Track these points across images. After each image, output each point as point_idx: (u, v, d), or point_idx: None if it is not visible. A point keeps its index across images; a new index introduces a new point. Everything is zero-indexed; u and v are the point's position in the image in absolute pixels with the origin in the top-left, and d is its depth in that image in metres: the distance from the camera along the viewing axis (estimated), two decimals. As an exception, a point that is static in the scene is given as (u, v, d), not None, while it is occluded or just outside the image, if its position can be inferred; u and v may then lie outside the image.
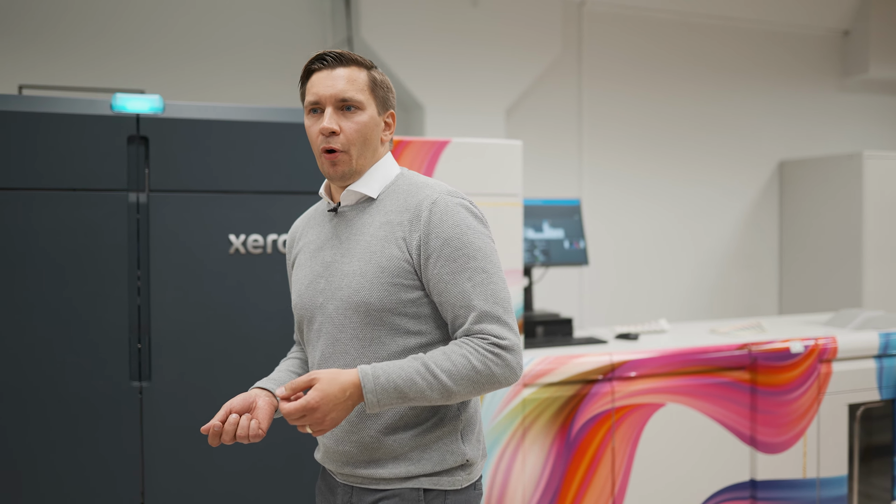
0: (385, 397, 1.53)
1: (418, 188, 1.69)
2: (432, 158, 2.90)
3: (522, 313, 3.03)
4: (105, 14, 4.58)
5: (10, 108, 2.52)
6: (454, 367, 1.55)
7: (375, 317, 1.62)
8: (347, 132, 1.66)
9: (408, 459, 1.64)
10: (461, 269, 1.60)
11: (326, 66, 1.68)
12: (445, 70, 4.98)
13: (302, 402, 1.48)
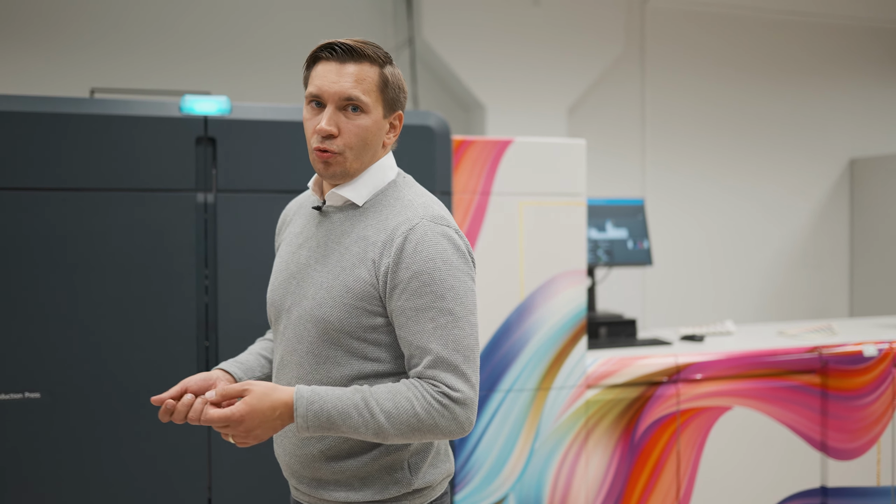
0: (315, 424, 1.43)
1: (403, 207, 1.54)
2: (495, 158, 2.89)
3: (586, 314, 2.99)
4: (173, 17, 4.68)
5: (82, 110, 2.58)
6: (395, 409, 1.43)
7: (333, 336, 1.51)
8: (346, 135, 1.53)
9: (349, 486, 1.55)
10: (425, 307, 1.45)
11: (335, 57, 1.53)
12: (507, 69, 4.96)
13: (226, 413, 1.40)
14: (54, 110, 2.55)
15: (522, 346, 2.92)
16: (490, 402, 2.90)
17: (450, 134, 2.84)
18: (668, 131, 5.62)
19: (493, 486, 2.91)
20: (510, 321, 2.92)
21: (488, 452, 2.90)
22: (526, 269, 2.94)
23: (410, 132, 2.79)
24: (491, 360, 2.90)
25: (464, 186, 2.87)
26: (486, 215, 2.89)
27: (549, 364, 2.95)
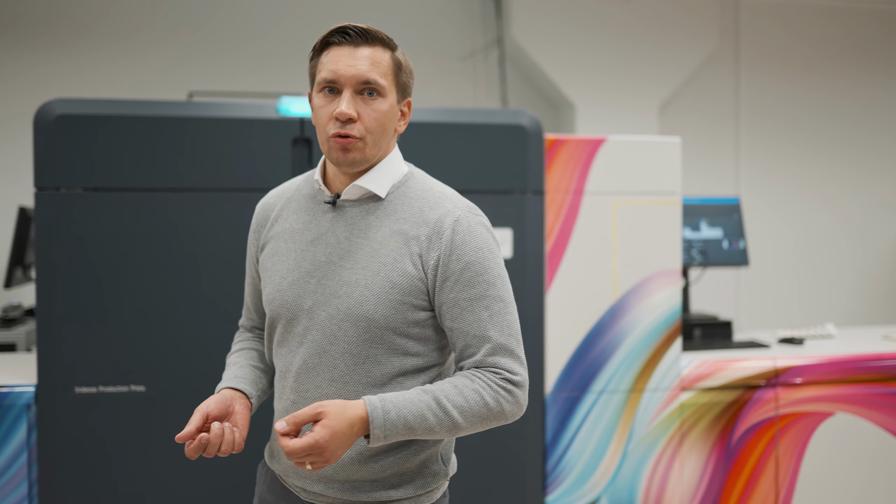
0: (392, 433, 1.39)
1: (437, 199, 1.52)
2: (588, 157, 2.86)
3: (680, 315, 2.93)
4: (268, 21, 4.78)
5: (180, 113, 2.66)
6: (466, 403, 1.43)
7: (376, 334, 1.47)
8: (366, 120, 1.47)
9: (387, 484, 1.51)
10: (480, 296, 1.47)
11: (349, 41, 1.48)
12: (597, 67, 4.91)
13: (309, 441, 1.32)
14: (153, 113, 2.63)
15: (615, 347, 2.89)
16: (582, 404, 2.87)
17: (542, 133, 2.82)
18: (764, 128, 5.47)
19: (585, 488, 2.88)
20: (603, 322, 2.88)
21: (580, 454, 2.87)
22: (619, 270, 2.89)
23: (502, 131, 2.79)
24: (583, 360, 2.87)
25: (556, 186, 2.85)
26: (578, 215, 2.86)
27: (643, 366, 2.90)
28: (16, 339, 3.51)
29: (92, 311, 2.58)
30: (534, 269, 2.82)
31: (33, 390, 2.59)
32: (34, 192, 2.58)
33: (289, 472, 1.58)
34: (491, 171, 2.78)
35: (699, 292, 4.87)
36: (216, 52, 4.70)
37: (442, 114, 2.82)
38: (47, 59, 4.57)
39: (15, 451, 2.56)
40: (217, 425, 1.44)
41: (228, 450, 1.43)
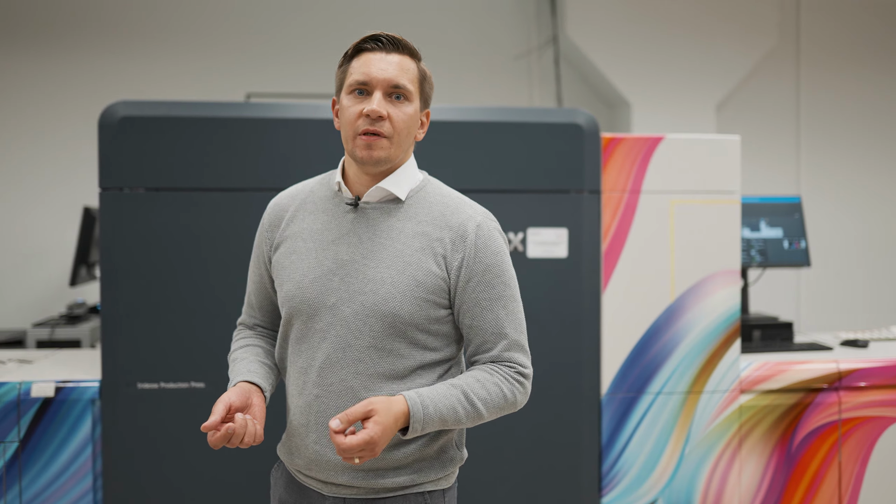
0: (429, 426, 1.51)
1: (457, 205, 1.62)
2: (645, 156, 2.83)
3: (738, 316, 2.89)
4: (322, 23, 4.82)
5: (238, 114, 2.70)
6: (489, 395, 1.56)
7: (399, 329, 1.55)
8: (394, 120, 1.55)
9: (411, 469, 1.60)
10: (498, 296, 1.59)
11: (381, 48, 1.57)
12: (653, 66, 4.85)
13: (365, 438, 1.41)
14: (212, 114, 2.68)
15: (673, 348, 2.85)
16: (639, 405, 2.84)
17: (599, 131, 2.80)
18: (825, 126, 5.34)
19: (641, 490, 2.85)
20: (660, 322, 2.85)
21: (637, 455, 2.84)
22: (677, 270, 2.86)
23: (558, 130, 2.77)
24: (640, 361, 2.84)
25: (613, 185, 2.82)
26: (635, 214, 2.83)
27: (701, 367, 2.86)
28: (81, 335, 3.60)
29: (153, 308, 2.64)
30: (590, 269, 2.80)
31: (98, 386, 2.65)
32: (98, 192, 2.64)
33: (311, 467, 1.62)
34: (547, 171, 2.77)
35: (759, 293, 4.78)
36: (273, 55, 4.76)
37: (497, 113, 2.81)
38: (111, 63, 4.68)
39: (80, 444, 2.63)
40: (241, 416, 1.50)
41: (251, 441, 1.50)
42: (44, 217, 4.63)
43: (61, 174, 4.63)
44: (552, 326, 2.78)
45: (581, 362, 2.80)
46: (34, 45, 4.65)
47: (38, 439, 2.61)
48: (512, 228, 2.76)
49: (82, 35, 4.70)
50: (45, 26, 4.67)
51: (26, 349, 3.47)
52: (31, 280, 4.65)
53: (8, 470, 2.60)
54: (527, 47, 5.03)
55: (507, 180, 2.76)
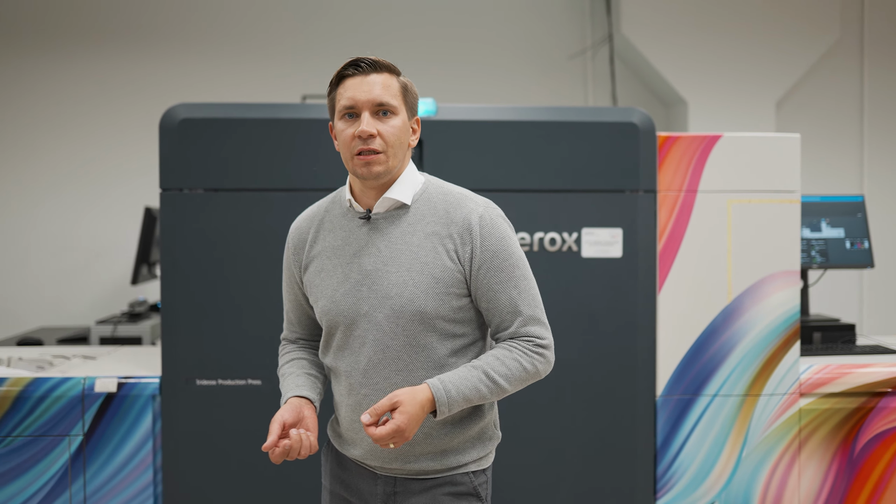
0: (455, 406, 1.65)
1: (458, 200, 1.75)
2: (702, 155, 2.79)
3: (798, 318, 2.83)
4: (376, 24, 4.86)
5: (295, 115, 2.73)
6: (509, 371, 1.69)
7: (429, 324, 1.70)
8: (384, 135, 1.69)
9: (456, 451, 1.75)
10: (508, 277, 1.72)
11: (361, 71, 1.71)
12: (710, 63, 4.78)
13: (393, 427, 1.56)
14: (269, 116, 2.72)
15: (730, 349, 2.81)
16: (694, 407, 2.80)
17: (654, 130, 2.77)
18: (890, 123, 5.20)
19: (697, 493, 2.81)
20: (716, 323, 2.81)
21: (692, 458, 2.81)
22: (734, 270, 2.81)
23: (613, 129, 2.75)
24: (696, 363, 2.80)
25: (668, 184, 2.79)
26: (692, 214, 2.79)
27: (759, 369, 2.81)
28: (142, 332, 3.68)
29: (212, 306, 2.69)
30: (645, 269, 2.77)
31: (158, 382, 2.71)
32: (159, 193, 2.70)
33: (367, 457, 1.77)
34: (602, 170, 2.75)
35: (820, 294, 4.68)
36: (328, 57, 4.80)
37: (552, 112, 2.80)
38: (174, 67, 4.78)
39: (141, 439, 2.69)
40: (295, 432, 1.67)
41: (307, 453, 1.67)
42: (107, 218, 4.75)
43: (125, 176, 4.74)
44: (607, 327, 2.76)
45: (636, 363, 2.77)
46: (99, 50, 4.78)
47: (102, 433, 2.68)
48: (566, 228, 2.74)
49: (145, 40, 4.80)
50: (109, 32, 4.79)
51: (90, 346, 3.56)
52: (96, 279, 4.77)
53: (73, 462, 2.67)
54: (581, 46, 5.00)
55: (562, 180, 2.75)
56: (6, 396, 2.64)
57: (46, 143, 4.77)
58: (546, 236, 2.74)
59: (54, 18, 4.76)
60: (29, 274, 4.74)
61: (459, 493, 1.75)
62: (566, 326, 2.74)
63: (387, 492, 1.76)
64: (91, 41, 4.78)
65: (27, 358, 3.06)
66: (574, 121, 2.77)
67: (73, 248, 4.76)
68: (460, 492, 1.76)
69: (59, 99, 4.76)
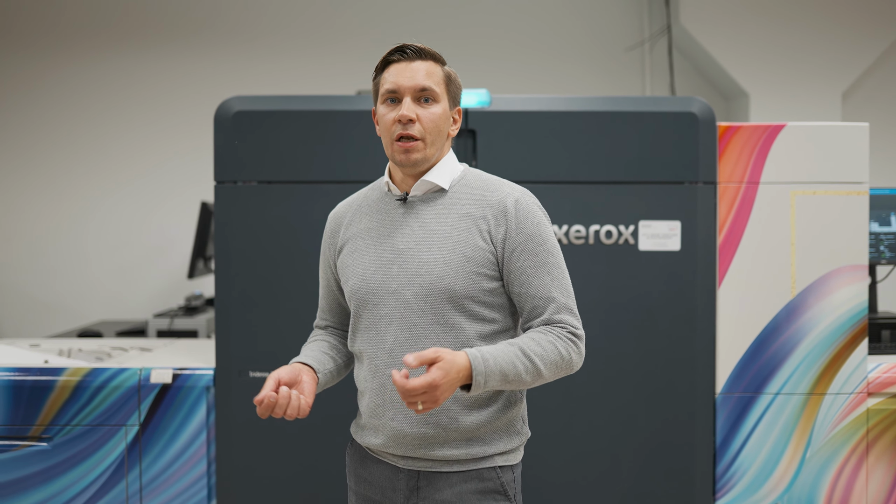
0: (491, 380, 1.59)
1: (495, 185, 1.75)
2: (764, 145, 2.71)
3: (866, 315, 2.72)
4: (431, 16, 4.84)
5: (348, 107, 2.72)
6: (545, 352, 1.64)
7: (458, 304, 1.68)
8: (424, 121, 1.69)
9: (482, 441, 1.71)
10: (542, 263, 1.70)
11: (406, 57, 1.72)
12: (773, 54, 4.65)
13: (427, 380, 1.50)
14: (322, 108, 2.71)
15: (793, 346, 2.72)
16: (756, 406, 2.72)
17: (714, 120, 2.70)
18: (963, 115, 5.00)
19: (759, 494, 2.72)
20: (779, 319, 2.72)
21: (754, 458, 2.72)
22: (798, 265, 2.72)
23: (671, 119, 2.69)
24: (757, 360, 2.72)
25: (729, 176, 2.71)
26: (753, 206, 2.71)
27: (824, 368, 2.72)
28: (197, 325, 3.72)
29: (265, 299, 2.69)
30: (704, 263, 2.70)
31: (212, 374, 2.73)
32: (214, 186, 2.71)
33: (390, 444, 1.73)
34: (660, 161, 2.69)
35: (889, 291, 4.52)
36: (384, 50, 4.80)
37: (608, 103, 2.75)
38: (227, 60, 4.82)
39: (195, 429, 2.71)
40: (285, 390, 1.64)
41: (294, 414, 1.63)
42: (166, 214, 4.82)
43: (182, 171, 4.80)
44: (664, 322, 2.70)
45: (695, 360, 2.70)
46: (156, 46, 4.84)
47: (157, 424, 2.70)
48: (623, 221, 2.68)
49: (202, 36, 4.86)
50: (167, 29, 4.86)
51: (147, 338, 3.61)
52: (154, 274, 4.84)
53: (129, 452, 2.70)
54: (639, 38, 4.92)
55: (618, 172, 2.69)
56: (66, 385, 2.69)
57: (107, 140, 4.85)
58: (602, 229, 2.68)
59: (114, 19, 4.84)
60: (90, 270, 4.83)
61: (486, 490, 1.71)
62: (622, 321, 2.69)
63: (410, 486, 1.72)
64: (149, 39, 4.85)
65: (87, 349, 3.11)
66: (631, 111, 2.71)
67: (132, 244, 4.83)
68: (487, 488, 1.71)
69: (118, 97, 4.84)
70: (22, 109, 4.81)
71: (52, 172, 4.84)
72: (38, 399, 2.68)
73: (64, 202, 4.85)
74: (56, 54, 4.82)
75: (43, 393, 2.68)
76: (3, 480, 2.68)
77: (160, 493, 2.72)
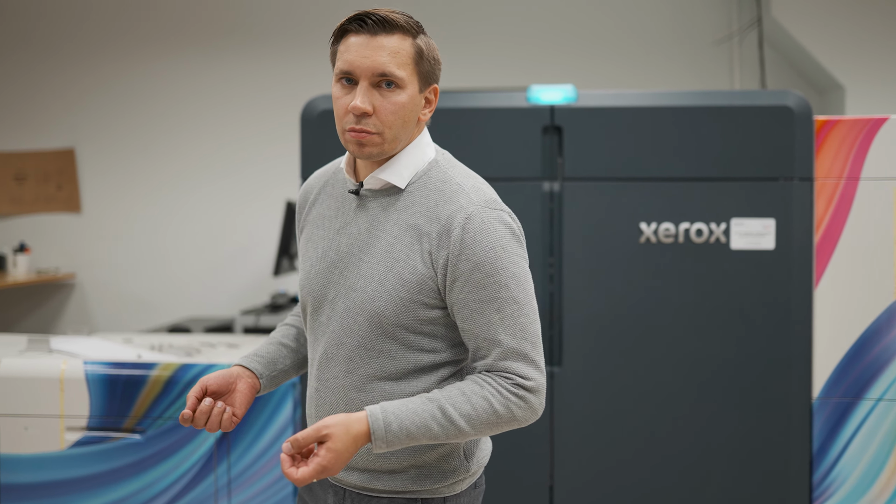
0: (395, 442, 1.37)
1: (453, 193, 1.44)
2: (865, 139, 2.59)
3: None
4: (520, 10, 4.80)
5: (452, 104, 2.69)
6: (474, 411, 1.38)
7: (388, 330, 1.44)
8: (382, 114, 1.41)
9: (406, 475, 1.48)
10: (491, 298, 1.40)
11: (366, 29, 1.40)
12: (870, 45, 4.47)
13: (316, 469, 1.32)
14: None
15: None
16: (856, 411, 2.61)
17: (811, 114, 2.59)
18: None
19: (859, 504, 2.61)
20: (881, 322, 2.60)
21: (853, 466, 2.61)
22: (901, 264, 2.60)
23: (765, 113, 2.60)
24: (857, 364, 2.60)
25: (827, 171, 2.60)
26: (853, 203, 2.60)
27: (930, 372, 2.59)
28: (283, 322, 3.76)
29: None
30: (800, 263, 2.60)
31: (298, 370, 2.75)
32: (300, 184, 2.74)
33: None
34: (753, 157, 2.60)
35: None
36: (462, 50, 4.79)
37: (698, 97, 2.67)
38: (313, 60, 4.87)
39: (282, 425, 2.74)
40: (207, 402, 1.46)
41: (214, 428, 1.47)
42: (252, 212, 4.91)
43: (268, 170, 4.88)
44: (758, 324, 2.61)
45: (790, 363, 2.60)
46: (246, 47, 4.93)
47: (245, 419, 2.74)
48: (714, 219, 2.60)
49: (290, 36, 4.93)
50: (256, 29, 4.94)
51: (234, 335, 3.67)
52: (240, 272, 4.94)
53: (218, 447, 2.75)
54: (728, 31, 4.79)
55: (709, 168, 2.61)
56: (158, 380, 2.75)
57: (197, 142, 4.97)
58: (692, 227, 2.61)
59: (208, 22, 4.95)
60: (180, 268, 4.96)
61: None
62: (713, 323, 2.61)
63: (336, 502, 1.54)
64: (238, 39, 4.94)
65: (177, 345, 3.17)
66: (723, 105, 2.63)
67: (219, 244, 4.94)
68: None
69: (203, 98, 4.95)
70: (120, 114, 4.96)
71: (146, 174, 4.98)
72: (132, 392, 2.75)
73: (156, 203, 4.99)
74: (150, 57, 4.95)
75: (136, 387, 2.75)
76: (99, 471, 2.76)
77: (247, 488, 2.76)
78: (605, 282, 2.61)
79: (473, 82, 4.68)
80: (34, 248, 4.89)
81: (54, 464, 2.77)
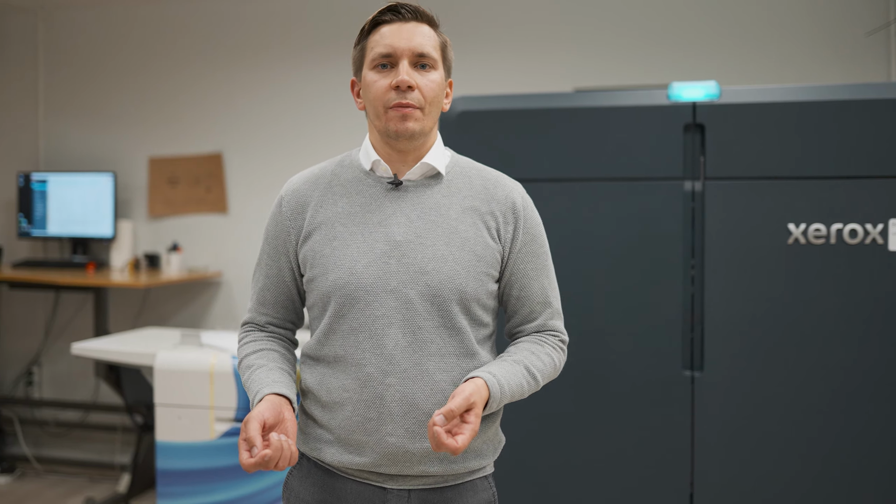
0: (499, 404, 1.50)
1: (496, 178, 1.63)
2: None
3: None
4: (651, 6, 4.71)
5: (570, 104, 2.69)
6: (544, 367, 1.59)
7: (465, 306, 1.53)
8: (424, 89, 1.51)
9: (478, 452, 1.58)
10: (542, 266, 1.63)
11: (400, 18, 1.53)
12: None
13: (471, 434, 1.39)
14: (545, 106, 2.69)
15: None
16: None
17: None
18: None
19: None
20: None
21: None
22: None
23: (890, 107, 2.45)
24: None
25: None
26: None
27: None
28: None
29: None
30: (966, 266, 2.43)
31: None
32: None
33: (383, 462, 1.51)
34: (913, 153, 2.45)
35: None
36: (598, 47, 4.73)
37: (849, 90, 2.54)
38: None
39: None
40: (276, 437, 1.38)
41: (285, 465, 1.38)
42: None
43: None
44: (918, 330, 2.45)
45: (954, 373, 2.44)
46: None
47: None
48: (869, 219, 2.47)
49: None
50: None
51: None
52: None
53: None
54: (883, 20, 4.53)
55: (863, 165, 2.48)
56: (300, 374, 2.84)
57: (332, 141, 5.11)
58: (845, 228, 2.48)
59: (335, 31, 5.09)
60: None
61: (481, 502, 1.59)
62: (868, 329, 2.47)
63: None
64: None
65: (318, 341, 3.27)
66: (878, 98, 2.49)
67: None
68: (481, 500, 1.59)
69: (334, 101, 5.08)
70: (263, 120, 5.16)
71: (287, 177, 5.16)
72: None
73: (245, 209, 5.15)
74: (291, 66, 5.13)
75: (281, 381, 2.85)
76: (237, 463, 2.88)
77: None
78: (749, 285, 2.52)
79: (614, 81, 4.61)
80: (185, 247, 5.15)
81: (205, 452, 2.91)
